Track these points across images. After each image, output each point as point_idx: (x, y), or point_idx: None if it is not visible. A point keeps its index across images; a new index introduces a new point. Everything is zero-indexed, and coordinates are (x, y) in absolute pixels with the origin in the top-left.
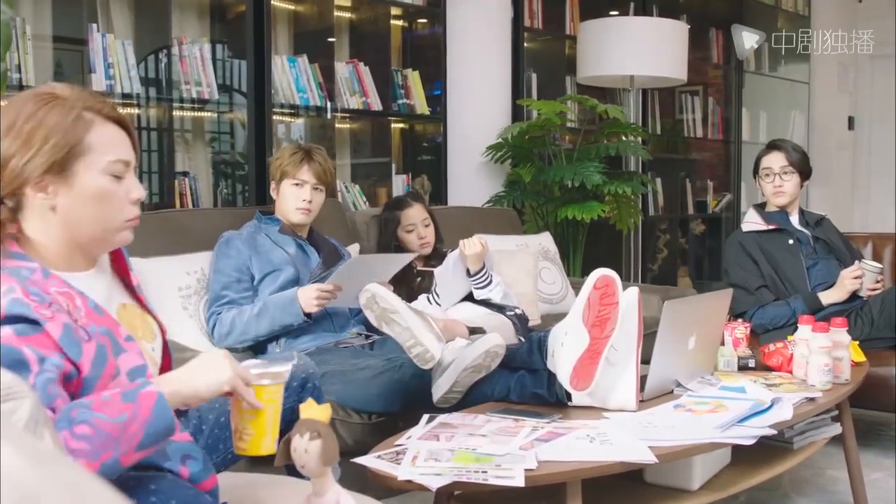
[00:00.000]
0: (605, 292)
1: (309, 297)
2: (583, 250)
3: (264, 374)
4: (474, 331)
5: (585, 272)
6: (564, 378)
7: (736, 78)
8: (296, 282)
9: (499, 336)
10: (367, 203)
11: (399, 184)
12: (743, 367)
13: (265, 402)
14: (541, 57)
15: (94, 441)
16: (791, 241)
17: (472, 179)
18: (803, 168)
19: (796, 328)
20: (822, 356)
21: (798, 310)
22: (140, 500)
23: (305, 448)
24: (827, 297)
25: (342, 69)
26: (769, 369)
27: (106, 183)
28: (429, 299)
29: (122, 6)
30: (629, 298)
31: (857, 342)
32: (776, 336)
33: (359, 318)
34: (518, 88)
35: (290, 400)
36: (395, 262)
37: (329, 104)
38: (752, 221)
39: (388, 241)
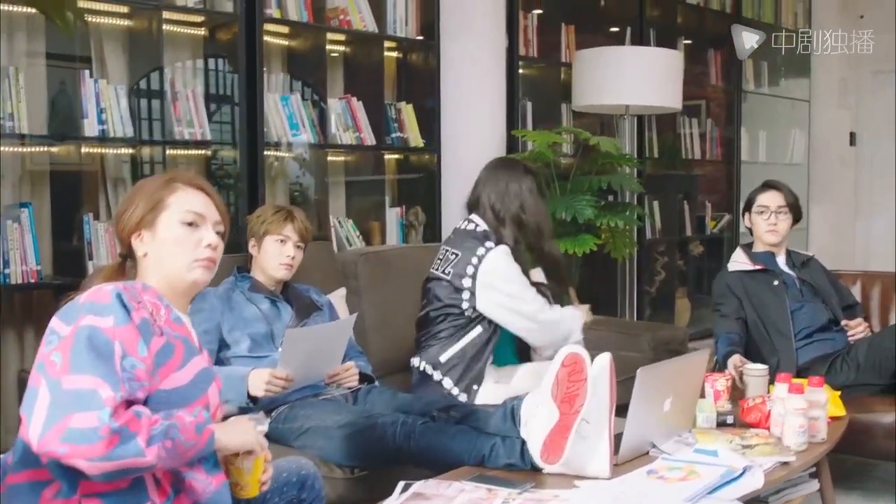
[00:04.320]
0: (573, 369)
1: (259, 382)
2: (577, 281)
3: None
4: None
5: (580, 301)
6: (535, 452)
7: (735, 97)
8: (269, 337)
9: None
10: (361, 237)
11: (393, 217)
12: (721, 424)
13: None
14: (536, 85)
15: (171, 453)
16: (776, 283)
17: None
18: (796, 211)
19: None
20: (797, 417)
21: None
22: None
23: None
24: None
25: (335, 105)
26: (748, 426)
27: (180, 230)
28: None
29: (116, 51)
30: (600, 366)
31: (840, 392)
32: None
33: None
34: (513, 118)
35: (289, 495)
36: (343, 330)
37: (322, 140)
38: (738, 261)
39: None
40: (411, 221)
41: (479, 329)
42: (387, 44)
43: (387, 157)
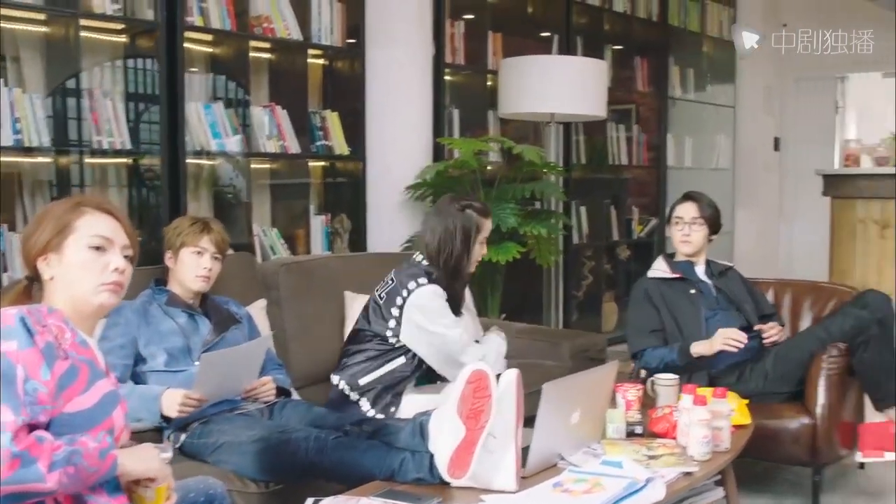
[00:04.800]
0: (477, 386)
1: (173, 402)
2: (501, 288)
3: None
4: None
5: (506, 306)
6: (442, 467)
7: (661, 104)
8: (186, 351)
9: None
10: (286, 246)
11: (318, 225)
12: (631, 434)
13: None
14: (463, 92)
15: (73, 479)
16: (693, 291)
17: (392, 218)
18: (713, 222)
19: (679, 371)
20: (701, 429)
21: (674, 358)
22: None
23: None
24: (697, 347)
25: (259, 113)
26: (656, 436)
27: (87, 254)
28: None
29: (33, 59)
30: (507, 382)
31: (748, 400)
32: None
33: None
34: (439, 125)
35: None
36: (258, 350)
37: (245, 148)
38: (658, 269)
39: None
40: (336, 229)
41: (402, 360)
42: (312, 51)
43: (312, 164)
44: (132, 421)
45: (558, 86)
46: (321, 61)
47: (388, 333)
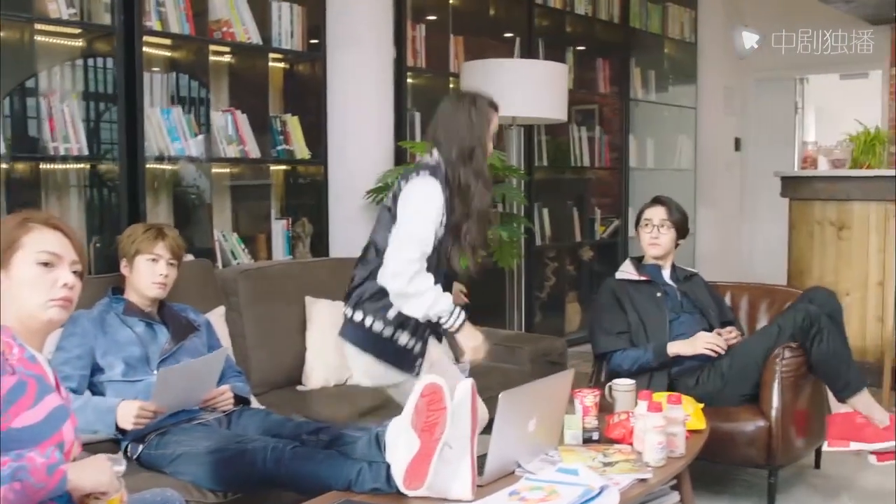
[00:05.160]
0: (431, 399)
1: (128, 414)
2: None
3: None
4: None
5: (468, 309)
6: (398, 479)
7: (623, 105)
8: (144, 361)
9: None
10: (247, 251)
11: (279, 229)
12: (588, 440)
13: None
14: (425, 95)
15: (19, 495)
16: (659, 294)
17: (355, 221)
18: (681, 226)
19: (650, 373)
20: (656, 435)
21: (650, 358)
22: None
23: None
24: (674, 347)
25: (218, 118)
26: (612, 442)
27: (35, 270)
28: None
29: None
30: (462, 393)
31: (704, 404)
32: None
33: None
34: (401, 128)
35: None
36: (215, 362)
37: (205, 153)
38: (625, 271)
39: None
40: (298, 233)
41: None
42: (272, 55)
43: (273, 168)
44: (88, 433)
45: (519, 89)
46: (282, 65)
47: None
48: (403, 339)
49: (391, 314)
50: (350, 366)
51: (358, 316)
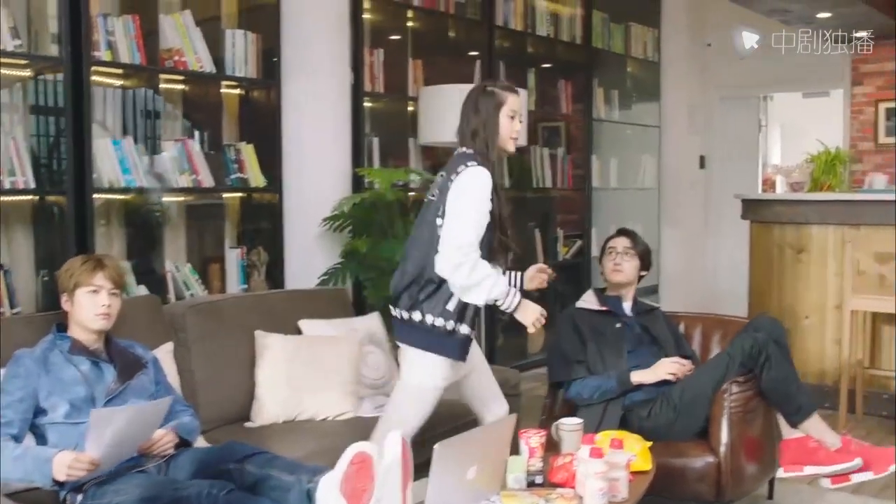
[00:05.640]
0: (360, 467)
1: (62, 464)
2: None
3: None
4: None
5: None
6: None
7: (586, 125)
8: (89, 401)
9: None
10: (200, 281)
11: (233, 258)
12: (532, 484)
13: None
14: (384, 120)
15: None
16: (618, 325)
17: (311, 250)
18: (644, 257)
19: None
20: (596, 481)
21: (613, 386)
22: None
23: None
24: (636, 376)
25: (171, 147)
26: (556, 485)
27: None
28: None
29: None
30: (392, 453)
31: (655, 440)
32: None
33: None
34: (359, 154)
35: None
36: (156, 410)
37: (157, 184)
38: (586, 300)
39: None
40: (253, 262)
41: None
42: (226, 83)
43: (228, 197)
44: (26, 482)
45: None
46: (236, 92)
47: None
48: (463, 329)
49: (451, 306)
50: (410, 371)
51: (417, 316)
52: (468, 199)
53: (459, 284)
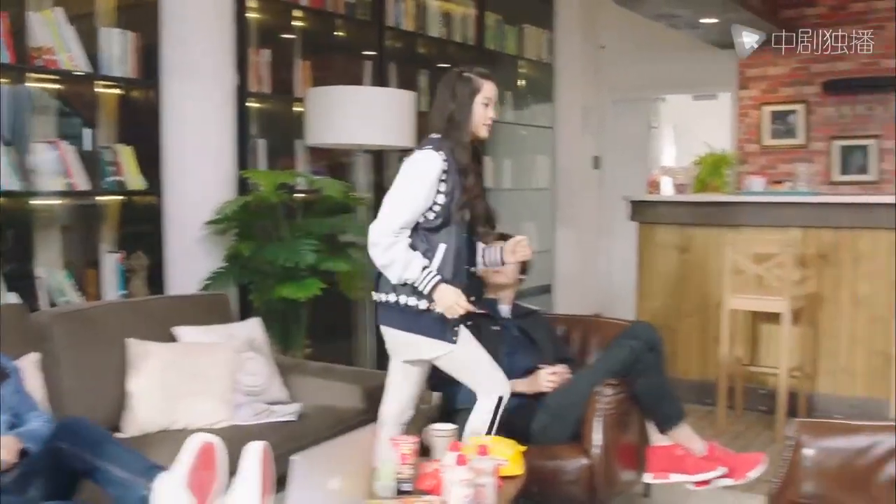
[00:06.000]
0: (204, 459)
1: None
2: (306, 322)
3: None
4: None
5: (316, 341)
6: None
7: None
8: None
9: None
10: (77, 287)
11: (111, 263)
12: (402, 491)
13: None
14: (271, 122)
15: None
16: (496, 328)
17: (193, 254)
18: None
19: None
20: (462, 488)
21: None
22: None
23: None
24: (517, 385)
25: (42, 150)
26: (424, 493)
27: None
28: None
29: None
30: (251, 458)
31: (532, 443)
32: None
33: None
34: (244, 157)
35: None
36: None
37: (27, 188)
38: None
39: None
40: (133, 267)
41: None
42: (103, 83)
43: (105, 200)
44: None
45: (364, 117)
46: (114, 92)
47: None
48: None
49: None
50: (395, 352)
51: (392, 297)
52: (405, 181)
53: (375, 260)
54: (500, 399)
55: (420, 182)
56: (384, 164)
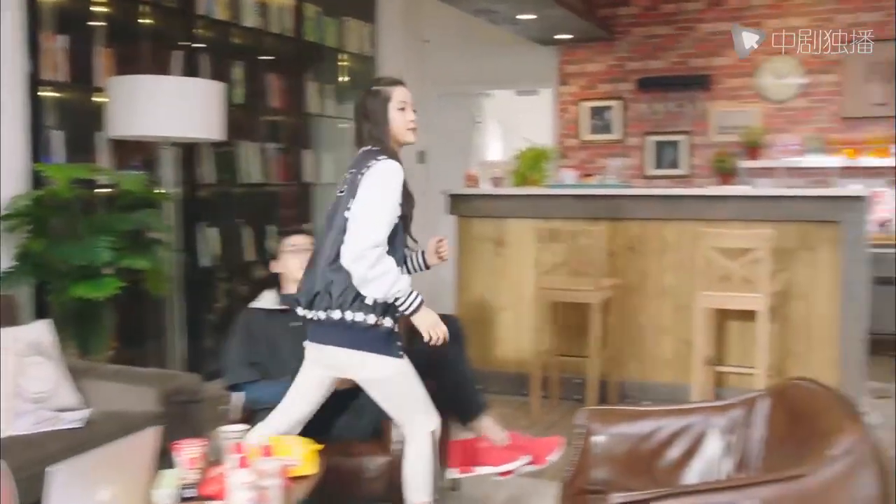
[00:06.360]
0: None
1: None
2: (106, 323)
3: None
4: None
5: (125, 343)
6: None
7: (298, 120)
8: None
9: None
10: None
11: None
12: (184, 499)
13: None
14: (69, 112)
15: None
16: (295, 325)
17: None
18: None
19: None
20: (244, 491)
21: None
22: None
23: None
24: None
25: None
26: (208, 498)
27: None
28: None
29: None
30: None
31: (333, 440)
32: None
33: None
34: (39, 149)
35: None
36: None
37: None
38: (262, 300)
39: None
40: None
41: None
42: None
43: None
44: None
45: (169, 108)
46: None
47: None
48: (388, 322)
49: (370, 300)
50: (341, 371)
51: (336, 315)
52: (380, 192)
53: (360, 275)
54: (433, 433)
55: (392, 192)
56: (197, 158)
